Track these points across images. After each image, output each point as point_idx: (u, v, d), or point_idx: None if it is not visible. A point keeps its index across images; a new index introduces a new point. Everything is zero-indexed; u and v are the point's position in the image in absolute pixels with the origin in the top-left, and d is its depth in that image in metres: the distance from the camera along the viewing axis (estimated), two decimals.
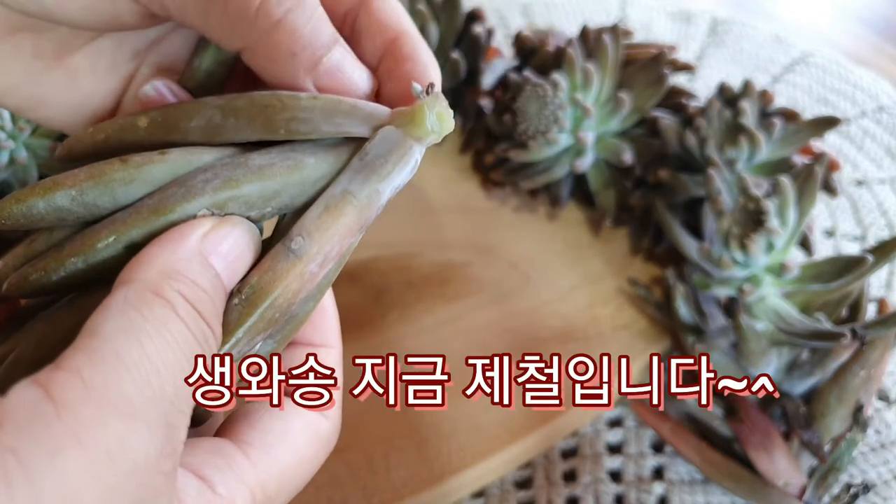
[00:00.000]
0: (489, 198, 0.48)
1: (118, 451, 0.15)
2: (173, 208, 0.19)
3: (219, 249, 0.19)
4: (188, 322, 0.18)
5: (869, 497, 0.36)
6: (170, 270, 0.18)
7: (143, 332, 0.17)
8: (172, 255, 0.19)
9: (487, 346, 0.41)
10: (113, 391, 0.15)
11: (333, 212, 0.20)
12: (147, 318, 0.17)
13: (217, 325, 0.19)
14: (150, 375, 0.16)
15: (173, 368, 0.17)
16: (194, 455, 0.20)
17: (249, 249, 0.20)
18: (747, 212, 0.35)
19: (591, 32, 0.45)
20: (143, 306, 0.17)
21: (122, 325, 0.17)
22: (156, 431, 0.16)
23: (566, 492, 0.37)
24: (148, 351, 0.16)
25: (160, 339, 0.17)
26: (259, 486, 0.20)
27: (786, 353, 0.36)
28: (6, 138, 0.39)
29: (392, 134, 0.21)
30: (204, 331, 0.18)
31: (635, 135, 0.44)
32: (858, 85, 0.55)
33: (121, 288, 0.18)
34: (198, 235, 0.19)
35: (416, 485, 0.36)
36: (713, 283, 0.37)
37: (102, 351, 0.16)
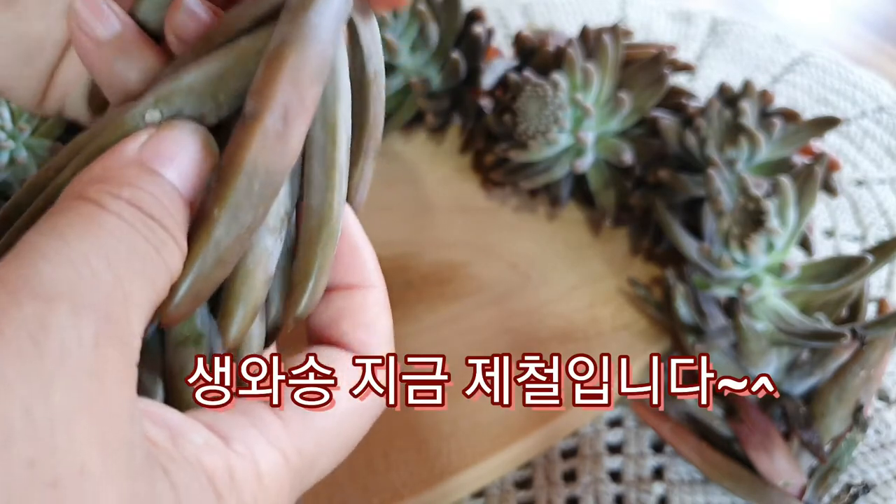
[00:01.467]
0: (489, 198, 0.48)
1: (40, 331, 0.14)
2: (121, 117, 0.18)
3: (163, 155, 0.18)
4: (121, 213, 0.16)
5: (869, 497, 0.36)
6: (96, 178, 0.17)
7: (67, 227, 0.15)
8: (101, 164, 0.18)
9: (487, 345, 0.41)
10: (31, 278, 0.14)
11: (273, 62, 0.18)
12: (68, 217, 0.16)
13: (173, 225, 0.17)
14: (75, 262, 0.15)
15: (106, 255, 0.15)
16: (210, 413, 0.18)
17: (202, 151, 0.18)
18: (747, 212, 0.35)
19: (591, 32, 0.45)
20: (66, 210, 0.16)
21: (43, 228, 0.16)
22: (85, 313, 0.14)
23: (566, 492, 0.37)
24: (70, 241, 0.15)
25: (85, 230, 0.16)
26: (293, 449, 0.19)
27: (786, 353, 0.36)
28: (6, 138, 0.39)
29: None
30: (147, 223, 0.17)
31: (635, 135, 0.44)
32: (858, 85, 0.55)
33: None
34: (135, 145, 0.18)
35: (416, 485, 0.36)
36: (713, 284, 0.37)
37: (20, 248, 0.15)
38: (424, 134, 0.51)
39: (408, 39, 0.46)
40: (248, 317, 0.20)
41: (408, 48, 0.46)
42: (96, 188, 0.17)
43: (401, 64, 0.46)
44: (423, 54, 0.47)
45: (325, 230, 0.20)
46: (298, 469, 0.19)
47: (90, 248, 0.15)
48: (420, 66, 0.47)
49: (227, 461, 0.17)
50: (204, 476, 0.16)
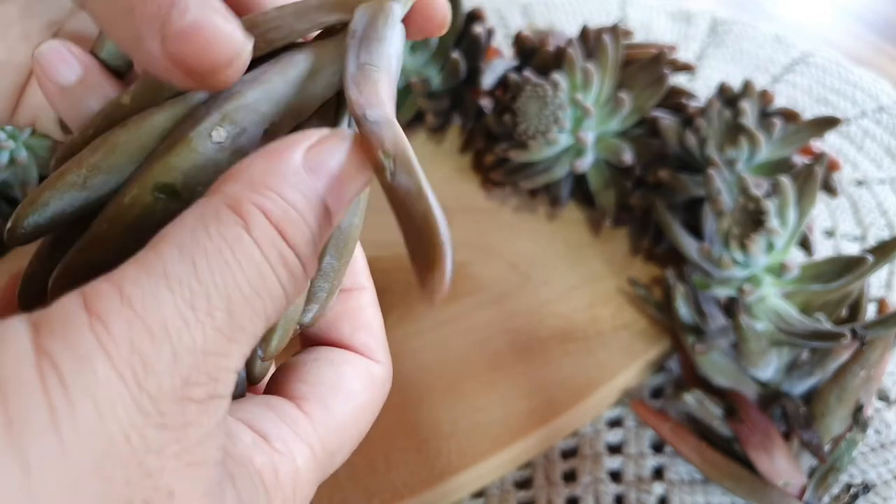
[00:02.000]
0: (489, 198, 0.48)
1: (141, 370, 0.14)
2: (186, 135, 0.18)
3: (324, 164, 0.17)
4: (262, 244, 0.16)
5: (869, 497, 0.36)
6: (257, 183, 0.16)
7: (200, 252, 0.15)
8: (266, 166, 0.16)
9: (487, 345, 0.41)
10: (149, 310, 0.14)
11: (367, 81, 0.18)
12: (211, 236, 0.15)
13: (307, 251, 0.17)
14: (195, 299, 0.15)
15: (228, 295, 0.15)
16: (244, 410, 0.18)
17: (362, 166, 0.17)
18: (747, 212, 0.35)
19: (591, 32, 0.45)
20: (212, 223, 0.15)
21: (182, 240, 0.15)
22: (184, 359, 0.15)
23: (566, 492, 0.37)
24: (200, 272, 0.15)
25: (218, 260, 0.15)
26: (319, 444, 0.19)
27: (786, 353, 0.36)
28: (6, 138, 0.39)
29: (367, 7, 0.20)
30: (285, 255, 0.16)
31: (635, 135, 0.44)
32: (858, 85, 0.55)
33: (200, 200, 0.16)
34: (302, 148, 0.17)
35: (416, 485, 0.36)
36: (713, 283, 0.37)
37: (151, 266, 0.15)
38: (424, 134, 0.51)
39: None
40: (290, 331, 0.20)
41: (408, 48, 0.46)
42: (253, 200, 0.16)
43: None
44: (423, 54, 0.47)
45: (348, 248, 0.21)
46: (322, 462, 0.20)
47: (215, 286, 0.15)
48: (420, 66, 0.47)
49: (272, 460, 0.18)
50: (257, 476, 0.17)
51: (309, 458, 0.19)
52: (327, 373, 0.20)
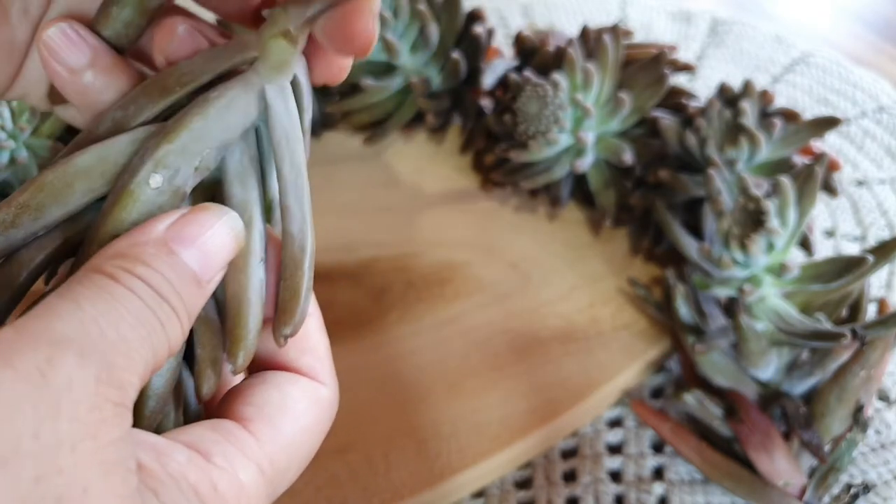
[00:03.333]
0: (489, 198, 0.48)
1: (48, 367, 0.15)
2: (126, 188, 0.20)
3: (185, 235, 0.19)
4: (133, 287, 0.17)
5: (869, 497, 0.36)
6: (117, 254, 0.18)
7: (79, 294, 0.17)
8: (126, 241, 0.19)
9: (488, 345, 0.41)
10: (46, 330, 0.16)
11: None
12: (84, 285, 0.17)
13: (178, 304, 0.18)
14: (84, 321, 0.16)
15: (115, 319, 0.17)
16: (189, 433, 0.19)
17: (225, 233, 0.20)
18: (747, 212, 0.35)
19: (592, 32, 0.45)
20: (83, 280, 0.17)
21: (60, 292, 0.17)
22: (89, 359, 0.16)
23: (566, 492, 0.37)
24: (83, 305, 0.17)
25: (98, 298, 0.17)
26: (266, 460, 0.20)
27: (786, 353, 0.36)
28: (6, 138, 0.39)
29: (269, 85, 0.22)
30: (156, 299, 0.18)
31: (635, 135, 0.44)
32: (858, 85, 0.55)
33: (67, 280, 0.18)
34: (163, 225, 0.19)
35: (416, 485, 0.36)
36: (713, 284, 0.37)
37: (36, 310, 0.16)
38: (425, 134, 0.51)
39: (408, 39, 0.46)
40: (253, 342, 0.22)
41: (408, 48, 0.46)
42: (114, 263, 0.18)
43: (401, 64, 0.47)
44: (424, 54, 0.47)
45: (307, 252, 0.22)
46: (272, 478, 0.20)
47: (100, 313, 0.17)
48: (420, 66, 0.47)
49: (209, 475, 0.18)
50: (190, 490, 0.17)
51: (255, 474, 0.19)
52: (273, 394, 0.21)
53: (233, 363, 0.21)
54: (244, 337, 0.21)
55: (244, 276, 0.21)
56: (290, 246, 0.22)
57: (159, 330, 0.18)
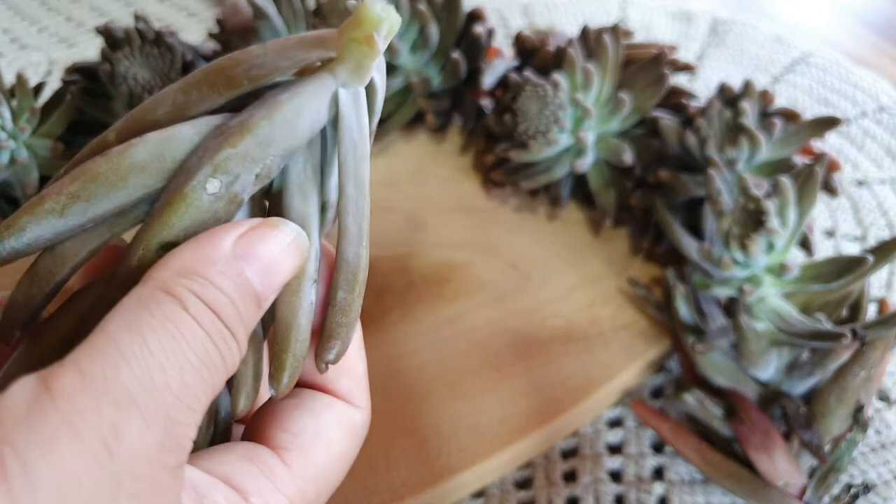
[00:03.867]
0: (489, 198, 0.48)
1: (112, 438, 0.15)
2: (181, 191, 0.19)
3: (253, 252, 0.18)
4: (200, 320, 0.17)
5: (869, 497, 0.36)
6: (186, 270, 0.17)
7: (148, 328, 0.16)
8: (195, 255, 0.18)
9: (488, 345, 0.41)
10: (111, 382, 0.15)
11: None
12: (154, 314, 0.16)
13: (240, 330, 0.18)
14: (151, 369, 0.16)
15: (180, 364, 0.16)
16: (226, 463, 0.19)
17: (291, 253, 0.19)
18: (747, 212, 0.35)
19: (592, 32, 0.45)
20: (151, 303, 0.17)
21: (128, 320, 0.16)
22: (154, 423, 0.15)
23: (566, 492, 0.37)
24: (151, 345, 0.16)
25: (165, 334, 0.16)
26: (298, 494, 0.20)
27: (786, 353, 0.36)
28: (7, 138, 0.39)
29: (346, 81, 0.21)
30: (221, 331, 0.17)
31: (635, 135, 0.44)
32: (859, 85, 0.55)
33: (135, 287, 0.17)
34: (231, 237, 0.18)
35: (416, 485, 0.36)
36: (713, 284, 0.37)
37: (104, 346, 0.16)
38: (425, 134, 0.51)
39: (408, 39, 0.46)
40: (298, 368, 0.21)
41: (408, 48, 0.46)
42: (183, 283, 0.17)
43: (401, 64, 0.46)
44: (424, 54, 0.47)
45: (360, 278, 0.21)
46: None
47: (167, 356, 0.16)
48: (420, 66, 0.47)
49: None
50: None
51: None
52: (309, 421, 0.21)
53: (275, 388, 0.21)
54: (290, 362, 0.20)
55: (297, 298, 0.20)
56: (343, 270, 0.21)
57: (220, 366, 0.17)
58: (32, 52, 0.62)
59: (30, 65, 0.60)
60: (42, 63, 0.61)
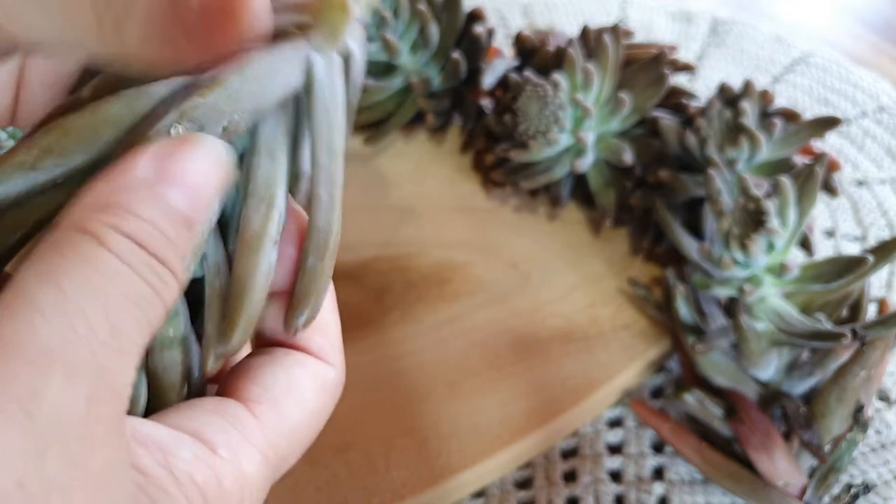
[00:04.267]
0: (489, 198, 0.48)
1: (31, 401, 0.13)
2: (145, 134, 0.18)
3: (172, 172, 0.17)
4: (122, 254, 0.16)
5: (869, 497, 0.36)
6: (100, 205, 0.16)
7: (62, 272, 0.15)
8: (109, 186, 0.16)
9: (488, 345, 0.41)
10: (25, 338, 0.14)
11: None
12: (67, 257, 0.15)
13: (173, 258, 0.17)
14: (70, 317, 0.14)
15: (103, 306, 0.15)
16: (193, 418, 0.18)
17: (214, 166, 0.18)
18: (747, 212, 0.35)
19: (592, 32, 0.45)
20: (64, 245, 0.15)
21: (39, 268, 0.15)
22: (79, 377, 0.14)
23: (566, 492, 0.37)
24: (67, 291, 0.15)
25: (82, 276, 0.15)
26: (270, 447, 0.19)
27: (786, 353, 0.36)
28: (6, 138, 0.39)
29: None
30: (149, 263, 0.16)
31: (635, 135, 0.44)
32: (859, 85, 0.55)
33: (48, 233, 0.16)
34: (147, 160, 0.17)
35: (416, 485, 0.36)
36: (713, 284, 0.37)
37: (14, 302, 0.14)
38: (425, 134, 0.51)
39: (408, 39, 0.46)
40: (251, 327, 0.20)
41: (408, 48, 0.46)
42: (99, 219, 0.16)
43: (401, 64, 0.46)
44: (424, 54, 0.47)
45: (330, 245, 0.21)
46: (275, 465, 0.20)
47: (87, 300, 0.15)
48: (420, 66, 0.47)
49: (215, 470, 0.17)
50: (196, 492, 0.17)
51: (258, 462, 0.19)
52: (281, 376, 0.20)
53: (223, 344, 0.20)
54: (243, 321, 0.20)
55: (255, 258, 0.20)
56: (314, 237, 0.21)
57: (154, 301, 0.16)
58: None
59: None
60: None
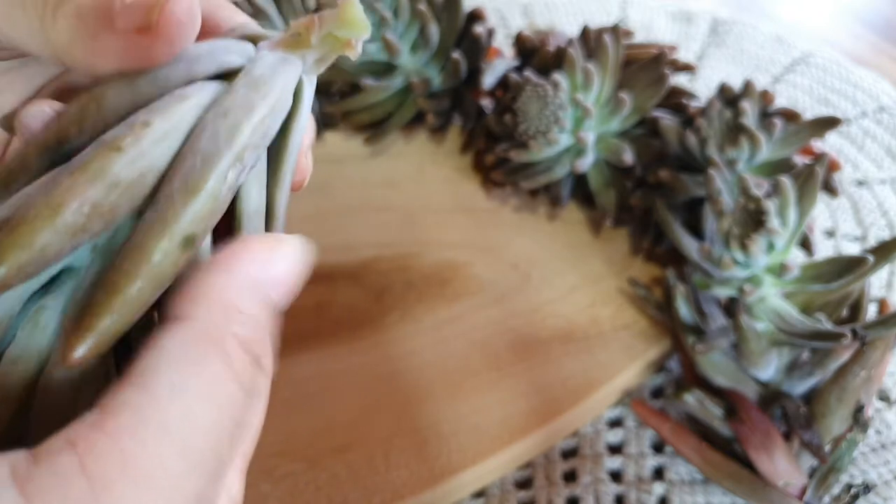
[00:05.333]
0: (490, 198, 0.48)
1: None
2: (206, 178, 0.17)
3: (274, 275, 0.18)
4: (242, 376, 0.16)
5: (869, 497, 0.36)
6: (228, 306, 0.17)
7: (194, 393, 0.15)
8: (228, 285, 0.17)
9: (488, 345, 0.41)
10: (153, 463, 0.14)
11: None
12: (201, 375, 0.16)
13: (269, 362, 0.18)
14: (193, 439, 0.15)
15: (217, 434, 0.15)
16: None
17: (301, 266, 0.19)
18: (748, 212, 0.35)
19: (592, 32, 0.45)
20: (200, 359, 0.16)
21: (174, 380, 0.15)
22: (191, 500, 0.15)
23: (566, 492, 0.37)
24: (196, 412, 0.15)
25: (210, 399, 0.16)
26: None
27: (786, 353, 0.36)
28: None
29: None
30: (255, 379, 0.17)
31: (636, 135, 0.44)
32: (859, 85, 0.55)
33: (177, 326, 0.16)
34: (255, 260, 0.18)
35: (416, 485, 0.36)
36: (713, 284, 0.37)
37: (147, 411, 0.15)
38: (425, 134, 0.51)
39: (408, 39, 0.46)
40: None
41: (408, 48, 0.46)
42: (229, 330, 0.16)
43: (401, 64, 0.46)
44: (424, 54, 0.47)
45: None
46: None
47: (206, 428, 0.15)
48: (420, 66, 0.47)
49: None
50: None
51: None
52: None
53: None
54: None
55: None
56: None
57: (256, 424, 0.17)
58: None
59: None
60: None
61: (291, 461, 0.37)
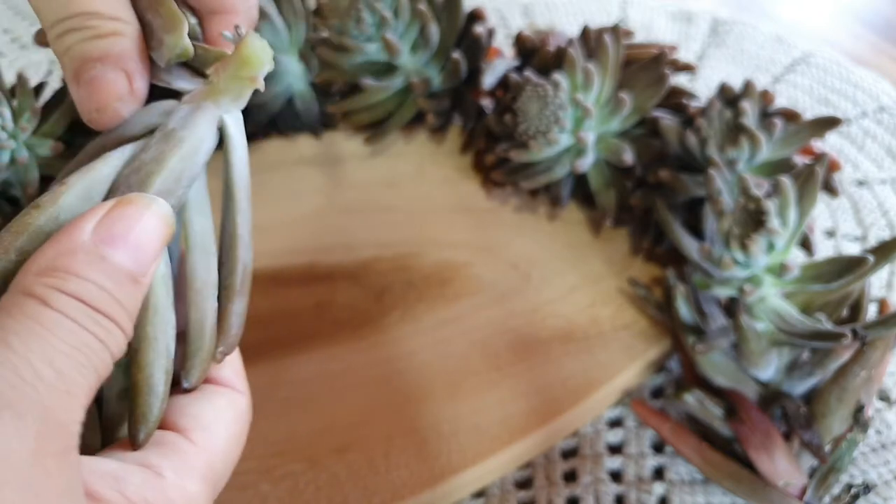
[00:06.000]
0: (490, 198, 0.48)
1: None
2: None
3: (115, 234, 0.19)
4: (66, 311, 0.17)
5: (869, 497, 0.36)
6: (46, 269, 0.18)
7: (10, 332, 0.17)
8: (54, 252, 0.18)
9: (488, 345, 0.41)
10: None
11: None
12: (13, 316, 0.17)
13: (117, 311, 0.18)
14: (17, 368, 0.16)
15: (48, 356, 0.17)
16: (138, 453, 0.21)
17: (156, 223, 0.19)
18: (748, 212, 0.35)
19: (592, 32, 0.45)
20: (13, 308, 0.17)
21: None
22: (27, 416, 0.16)
23: (566, 492, 0.37)
24: (13, 345, 0.16)
25: (28, 332, 0.17)
26: (208, 467, 0.21)
27: (786, 353, 0.36)
28: (7, 138, 0.39)
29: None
30: (93, 316, 0.18)
31: (636, 135, 0.44)
32: (859, 85, 0.55)
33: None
34: (90, 225, 0.18)
35: (416, 485, 0.36)
36: (714, 284, 0.37)
37: None
38: (425, 134, 0.51)
39: (408, 39, 0.46)
40: (207, 362, 0.23)
41: (408, 48, 0.46)
42: (44, 282, 0.17)
43: (401, 64, 0.46)
44: (424, 54, 0.47)
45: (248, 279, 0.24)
46: (213, 483, 0.22)
47: (33, 352, 0.17)
48: (421, 66, 0.47)
49: (164, 492, 0.19)
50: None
51: (200, 481, 0.21)
52: (206, 405, 0.23)
53: (188, 381, 0.23)
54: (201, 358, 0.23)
55: (207, 304, 0.22)
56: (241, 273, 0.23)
57: (99, 348, 0.18)
58: (33, 52, 0.62)
59: (31, 64, 0.60)
60: (43, 63, 0.61)
61: (291, 461, 0.37)
